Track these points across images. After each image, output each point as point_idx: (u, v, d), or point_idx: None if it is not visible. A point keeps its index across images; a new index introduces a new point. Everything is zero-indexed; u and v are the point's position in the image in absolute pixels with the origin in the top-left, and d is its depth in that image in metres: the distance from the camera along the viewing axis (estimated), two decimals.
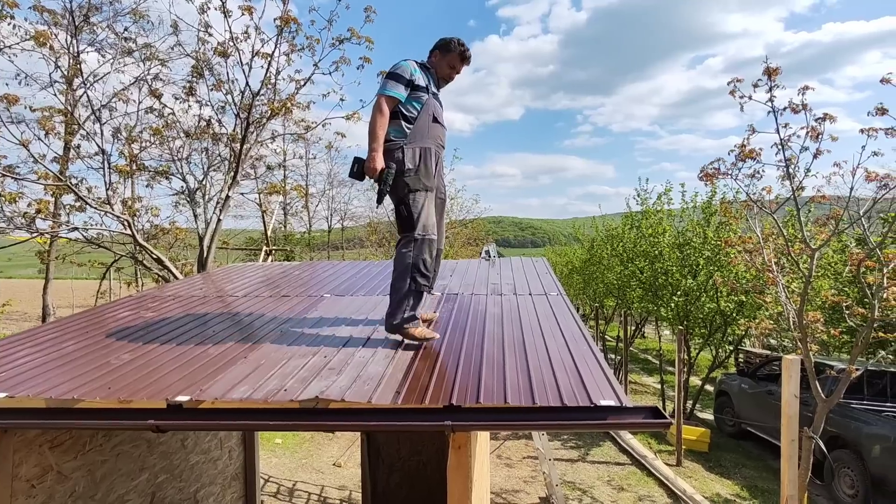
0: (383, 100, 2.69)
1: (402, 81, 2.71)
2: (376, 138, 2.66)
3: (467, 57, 2.92)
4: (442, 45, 2.90)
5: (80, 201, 6.77)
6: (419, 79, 2.76)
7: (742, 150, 4.68)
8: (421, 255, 2.71)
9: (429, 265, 2.75)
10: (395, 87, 2.70)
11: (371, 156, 2.64)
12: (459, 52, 2.89)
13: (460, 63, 2.92)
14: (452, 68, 2.92)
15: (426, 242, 2.73)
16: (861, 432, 5.97)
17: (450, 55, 2.90)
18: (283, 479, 6.27)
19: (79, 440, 3.06)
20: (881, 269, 4.58)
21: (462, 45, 2.90)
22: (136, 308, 3.84)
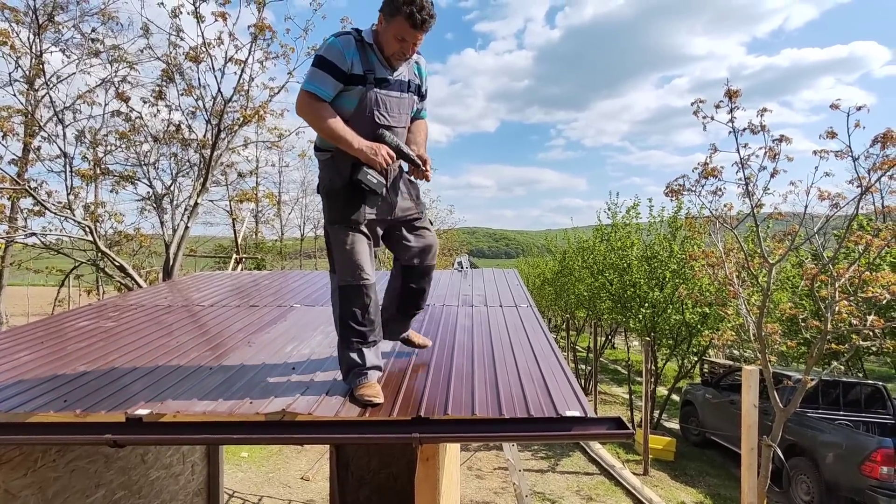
0: (306, 97, 1.97)
1: (331, 71, 1.96)
2: (343, 134, 1.97)
3: (418, 20, 1.90)
4: (386, 4, 1.95)
5: (38, 205, 6.51)
6: (355, 65, 1.98)
7: (705, 168, 4.87)
8: (349, 307, 2.16)
9: (362, 316, 2.17)
10: (322, 80, 1.96)
11: (362, 154, 1.99)
12: (407, 14, 1.88)
13: (411, 29, 1.92)
14: (402, 40, 1.95)
15: (351, 290, 2.15)
16: (816, 440, 6.21)
17: (394, 21, 1.92)
18: (248, 494, 6.10)
19: (29, 456, 2.92)
20: (833, 284, 4.81)
21: (412, 2, 1.88)
22: (95, 317, 3.71)
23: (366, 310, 2.20)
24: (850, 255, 7.10)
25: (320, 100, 1.98)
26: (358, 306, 2.18)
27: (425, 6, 1.91)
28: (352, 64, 1.98)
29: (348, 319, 2.20)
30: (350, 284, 2.16)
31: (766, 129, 4.88)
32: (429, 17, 1.93)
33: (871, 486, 5.49)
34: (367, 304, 2.20)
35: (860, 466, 5.59)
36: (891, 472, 5.45)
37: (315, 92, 1.97)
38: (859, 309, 5.16)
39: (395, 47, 1.99)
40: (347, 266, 2.17)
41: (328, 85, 1.97)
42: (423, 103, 2.36)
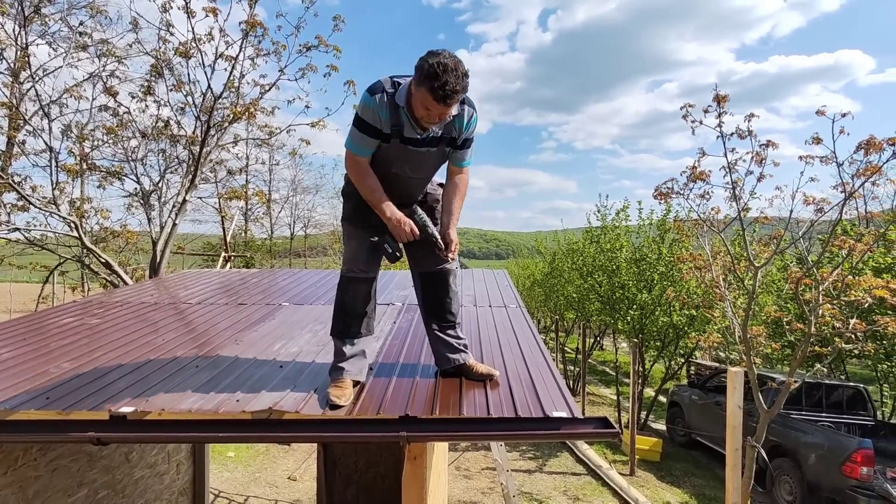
0: (350, 156, 2.12)
1: (368, 132, 2.05)
2: (377, 200, 2.10)
3: (440, 96, 1.87)
4: (415, 70, 1.93)
5: (22, 200, 6.39)
6: (385, 124, 2.04)
7: (693, 171, 4.92)
8: (339, 296, 2.33)
9: (346, 308, 2.29)
10: (361, 141, 2.07)
11: (389, 223, 2.11)
12: (429, 88, 1.86)
13: (435, 103, 1.89)
14: (427, 109, 1.94)
15: (343, 280, 2.33)
16: (799, 441, 6.30)
17: (419, 90, 1.91)
18: (234, 494, 6.05)
19: (10, 455, 2.87)
20: (817, 288, 4.89)
21: (435, 77, 1.84)
22: (80, 314, 3.66)
23: (352, 301, 2.30)
24: (833, 259, 7.23)
25: (362, 157, 2.12)
26: (345, 297, 2.32)
27: (449, 82, 1.86)
28: (382, 124, 2.05)
29: (336, 307, 2.34)
30: (343, 275, 2.33)
31: (753, 134, 4.94)
32: (453, 92, 1.88)
33: (851, 487, 5.59)
34: (354, 297, 2.30)
35: (841, 467, 5.68)
36: (870, 473, 5.54)
37: (357, 154, 2.11)
38: (842, 312, 5.25)
39: (421, 112, 2.00)
40: (345, 257, 2.34)
41: (367, 144, 2.09)
42: (465, 153, 2.24)
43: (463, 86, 1.91)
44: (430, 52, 1.93)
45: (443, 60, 1.86)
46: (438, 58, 1.87)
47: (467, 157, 2.27)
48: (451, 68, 1.86)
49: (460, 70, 1.89)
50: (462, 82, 1.90)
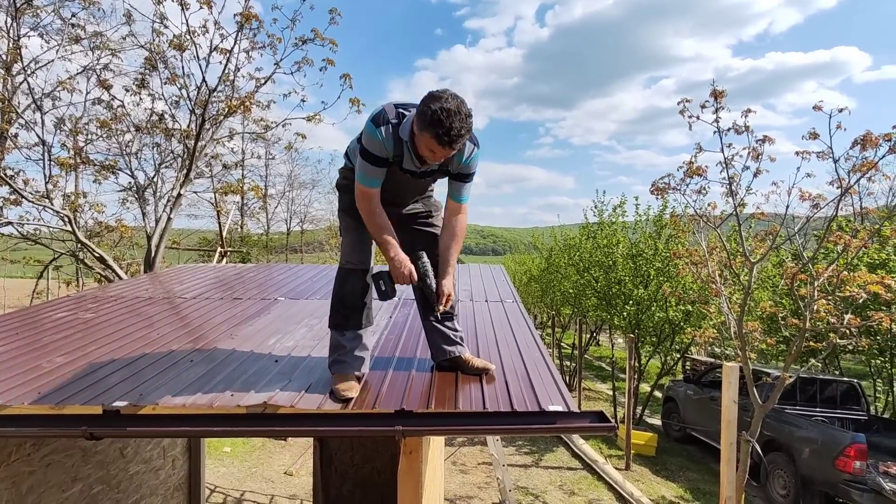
0: (361, 189, 2.09)
1: (376, 162, 2.05)
2: (383, 240, 2.08)
3: (445, 141, 1.86)
4: (417, 115, 1.90)
5: (15, 194, 6.33)
6: (389, 156, 2.06)
7: (690, 167, 4.92)
8: (336, 288, 2.29)
9: (342, 300, 2.26)
10: (371, 173, 2.06)
11: (391, 263, 2.09)
12: (435, 136, 1.85)
13: (439, 147, 1.89)
14: (432, 151, 1.93)
15: (340, 272, 2.29)
16: (793, 436, 6.34)
17: (424, 134, 1.89)
18: (230, 489, 6.05)
19: (3, 450, 2.85)
20: (812, 283, 4.91)
21: (439, 123, 1.82)
22: (74, 308, 3.63)
23: (351, 294, 2.26)
24: (829, 255, 7.26)
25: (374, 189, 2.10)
26: (344, 290, 2.28)
27: (453, 128, 1.84)
28: (388, 154, 2.06)
29: (334, 300, 2.30)
30: (341, 267, 2.30)
31: (749, 130, 4.95)
32: (458, 137, 1.87)
33: (844, 481, 5.63)
34: (353, 289, 2.26)
35: (835, 461, 5.73)
36: (863, 467, 5.59)
37: (369, 186, 2.09)
38: (837, 308, 5.28)
39: (426, 153, 1.98)
40: (343, 250, 2.32)
41: (377, 174, 2.08)
42: (464, 187, 2.20)
43: (467, 128, 1.90)
44: (431, 95, 1.89)
45: (445, 105, 1.84)
46: (441, 102, 1.84)
47: (466, 193, 2.23)
48: (455, 112, 1.84)
49: (463, 112, 1.87)
50: (466, 124, 1.89)
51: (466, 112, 1.89)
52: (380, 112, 2.04)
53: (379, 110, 2.06)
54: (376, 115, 2.04)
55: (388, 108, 2.06)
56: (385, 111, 2.04)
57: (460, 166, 2.16)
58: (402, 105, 2.08)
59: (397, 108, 2.06)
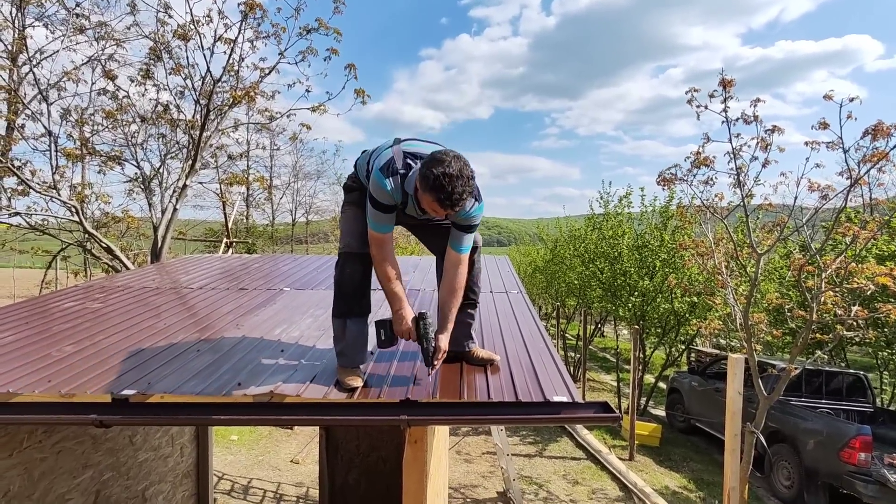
0: (374, 236, 2.12)
1: (387, 210, 2.08)
2: (391, 291, 2.12)
3: (448, 204, 1.89)
4: (420, 177, 1.92)
5: (22, 185, 6.37)
6: (397, 204, 2.11)
7: (697, 157, 4.87)
8: (340, 274, 2.26)
9: (346, 285, 2.23)
10: (381, 220, 2.10)
11: (394, 314, 2.13)
12: (437, 199, 1.88)
13: (439, 208, 1.92)
14: (434, 210, 1.97)
15: (342, 258, 2.26)
16: (798, 427, 6.34)
17: (426, 196, 1.92)
18: (237, 477, 6.13)
19: (15, 437, 2.90)
20: (820, 275, 4.87)
21: (441, 188, 1.85)
22: (82, 298, 3.66)
23: (350, 279, 2.24)
24: (836, 246, 7.19)
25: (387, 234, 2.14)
26: (342, 274, 2.26)
27: (455, 192, 1.87)
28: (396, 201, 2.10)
29: (336, 288, 2.28)
30: (341, 251, 2.28)
31: (758, 120, 4.89)
32: (459, 200, 1.90)
33: (848, 472, 5.63)
34: (352, 273, 2.24)
35: (839, 453, 5.72)
36: (868, 459, 5.58)
37: (382, 232, 2.12)
38: (844, 299, 5.24)
39: (428, 209, 2.02)
40: (342, 235, 2.29)
41: (388, 220, 2.13)
42: (465, 237, 2.19)
43: (469, 191, 1.93)
44: (434, 158, 1.90)
45: (448, 171, 1.85)
46: (443, 167, 1.85)
47: (466, 243, 2.21)
48: (457, 176, 1.86)
49: (465, 175, 1.89)
50: (468, 187, 1.91)
51: (468, 175, 1.91)
52: (389, 161, 2.05)
53: (388, 159, 2.06)
54: (386, 165, 2.05)
55: (397, 154, 2.07)
56: (394, 160, 2.05)
57: (461, 219, 2.16)
58: (410, 153, 2.08)
59: (406, 156, 2.07)
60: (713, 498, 6.23)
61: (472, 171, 1.93)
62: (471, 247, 2.24)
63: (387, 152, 2.10)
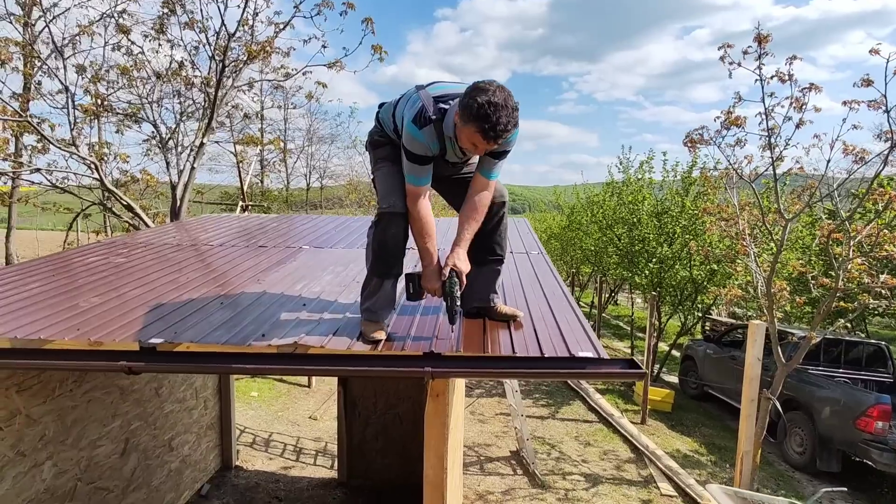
0: (414, 189, 2.05)
1: (424, 161, 2.02)
2: (425, 249, 2.08)
3: (491, 136, 1.80)
4: (462, 108, 1.82)
5: (42, 142, 6.39)
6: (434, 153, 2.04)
7: (728, 116, 4.68)
8: (383, 234, 2.14)
9: (390, 245, 2.14)
10: (419, 172, 2.03)
11: (425, 269, 2.10)
12: (481, 130, 1.79)
13: (483, 141, 1.83)
14: (474, 145, 1.88)
15: (386, 218, 2.12)
16: (814, 395, 6.31)
17: (468, 128, 1.82)
18: (258, 431, 6.33)
19: (47, 385, 2.99)
20: (848, 242, 4.73)
21: (486, 118, 1.76)
22: (105, 254, 3.71)
23: (394, 239, 2.14)
24: (865, 215, 6.97)
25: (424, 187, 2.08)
26: (387, 235, 2.14)
27: (500, 123, 1.77)
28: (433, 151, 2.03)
29: (376, 247, 2.17)
30: (384, 211, 2.14)
31: (793, 79, 4.66)
32: (504, 131, 1.81)
33: (864, 440, 5.62)
34: (396, 234, 2.13)
35: (856, 421, 5.70)
36: (885, 427, 5.56)
37: (420, 185, 2.06)
38: (872, 267, 5.10)
39: (467, 146, 1.93)
40: (382, 193, 2.18)
41: (425, 172, 2.06)
42: (495, 164, 2.11)
43: (514, 122, 1.84)
44: (477, 87, 1.81)
45: (493, 99, 1.76)
46: (487, 95, 1.77)
47: (496, 169, 2.14)
48: (502, 105, 1.77)
49: (510, 105, 1.80)
50: (513, 118, 1.82)
51: (513, 105, 1.81)
52: (420, 110, 1.96)
53: (419, 108, 1.96)
54: (417, 115, 1.95)
55: (427, 101, 1.98)
56: (425, 108, 1.96)
57: (503, 146, 2.06)
58: (439, 97, 1.99)
59: (436, 101, 1.98)
60: (724, 462, 6.30)
61: (517, 102, 1.84)
62: (498, 175, 2.17)
63: (414, 100, 2.01)
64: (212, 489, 4.78)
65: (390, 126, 2.20)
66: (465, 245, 2.11)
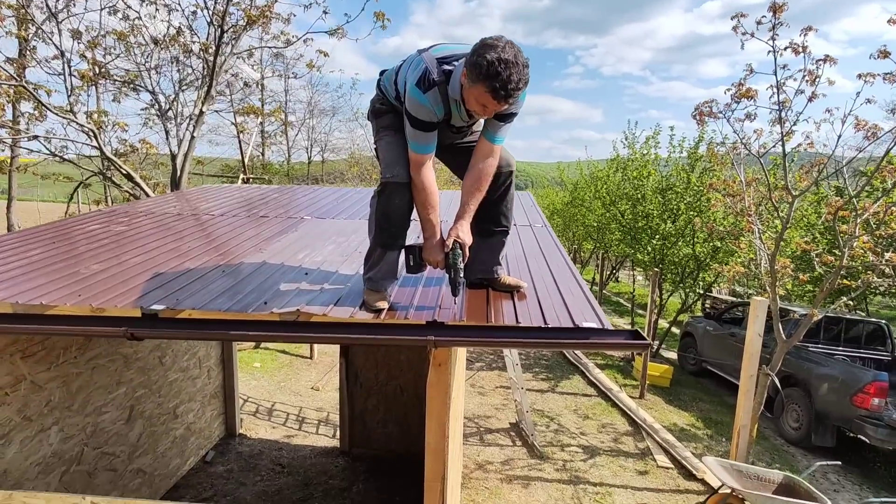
0: (418, 158, 1.99)
1: (428, 128, 1.95)
2: (427, 221, 2.03)
3: (501, 95, 1.72)
4: (470, 66, 1.74)
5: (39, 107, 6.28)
6: (440, 119, 1.97)
7: (739, 88, 4.57)
8: (386, 204, 2.09)
9: (394, 216, 2.08)
10: (423, 139, 1.96)
11: (427, 242, 2.05)
12: (491, 90, 1.71)
13: (493, 101, 1.75)
14: (483, 106, 1.81)
15: (390, 188, 2.05)
16: (813, 372, 6.36)
17: (477, 87, 1.75)
18: (261, 400, 6.42)
19: (51, 352, 3.01)
20: (856, 219, 4.68)
21: (496, 76, 1.68)
22: (105, 222, 3.68)
23: (398, 209, 2.08)
24: (873, 193, 6.88)
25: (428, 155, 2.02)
26: (389, 204, 2.08)
27: (511, 80, 1.70)
28: (438, 117, 1.96)
29: (380, 218, 2.12)
30: (388, 181, 2.07)
31: (807, 51, 4.53)
32: (515, 90, 1.73)
33: (860, 416, 5.68)
34: (400, 204, 2.07)
35: (853, 397, 5.75)
36: (881, 404, 5.61)
37: (423, 153, 2.00)
38: (878, 245, 5.06)
39: (475, 108, 1.86)
40: (386, 162, 2.11)
41: (429, 139, 1.99)
42: (502, 127, 2.04)
43: (526, 79, 1.76)
44: (485, 44, 1.72)
45: (503, 56, 1.68)
46: (497, 52, 1.69)
47: (502, 133, 2.05)
48: (512, 62, 1.69)
49: (521, 61, 1.72)
50: (524, 75, 1.74)
51: (524, 61, 1.74)
52: (424, 73, 1.87)
53: (422, 70, 1.88)
54: (421, 78, 1.87)
55: (431, 63, 1.89)
56: (428, 71, 1.88)
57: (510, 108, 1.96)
58: (444, 58, 1.91)
59: (440, 63, 1.90)
60: (720, 436, 6.39)
61: (527, 59, 1.76)
62: (504, 139, 2.10)
63: (417, 63, 1.94)
64: (216, 456, 4.87)
65: (392, 93, 2.13)
66: (468, 217, 2.06)
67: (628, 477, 5.04)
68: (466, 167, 2.12)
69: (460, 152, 2.25)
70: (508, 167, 2.23)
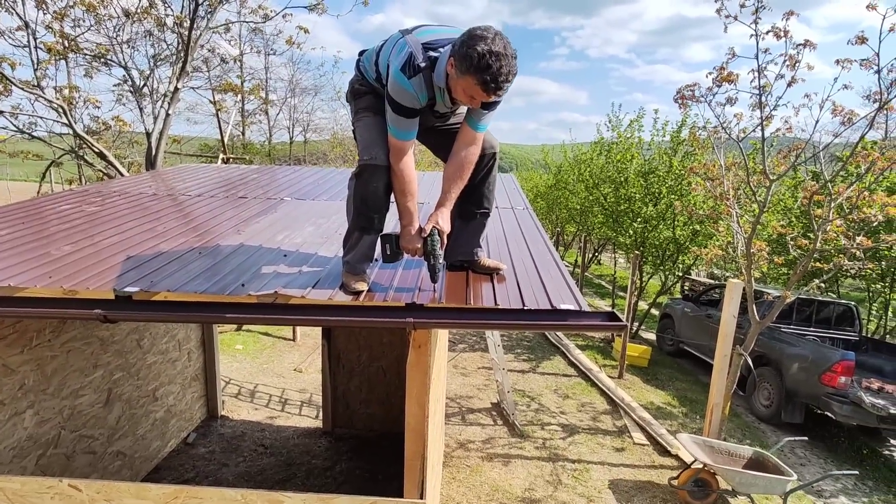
0: (398, 144, 1.96)
1: (410, 114, 1.91)
2: (405, 208, 2.00)
3: (491, 88, 1.71)
4: (459, 57, 1.72)
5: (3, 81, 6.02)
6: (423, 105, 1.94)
7: (720, 72, 4.59)
8: (364, 188, 2.05)
9: (370, 199, 2.04)
10: (404, 125, 1.92)
11: (402, 230, 2.04)
12: (482, 82, 1.70)
13: (482, 93, 1.74)
14: (471, 97, 1.80)
15: (367, 171, 2.01)
16: (784, 352, 6.57)
17: (466, 79, 1.73)
18: (244, 382, 6.40)
19: (24, 335, 2.94)
20: (830, 204, 4.79)
21: (487, 68, 1.66)
22: (78, 202, 3.58)
23: (374, 193, 2.05)
24: (847, 178, 7.04)
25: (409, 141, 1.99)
26: (367, 188, 2.05)
27: (502, 72, 1.68)
28: (421, 104, 1.93)
29: (357, 201, 2.10)
30: (366, 164, 2.03)
31: (788, 35, 4.57)
32: (505, 83, 1.71)
33: (826, 394, 5.91)
34: (377, 187, 2.04)
35: (821, 376, 5.97)
36: (847, 382, 5.84)
37: (404, 139, 1.97)
38: (850, 229, 5.20)
39: (462, 98, 1.84)
40: (363, 145, 2.07)
41: (411, 126, 1.96)
42: (485, 115, 2.01)
43: (515, 71, 1.73)
44: (473, 34, 1.69)
45: (493, 48, 1.66)
46: (487, 44, 1.66)
47: (485, 120, 2.03)
48: (502, 54, 1.67)
49: (510, 53, 1.70)
50: (513, 67, 1.72)
51: (513, 53, 1.72)
52: (409, 58, 1.83)
53: (406, 56, 1.84)
54: (405, 64, 1.83)
55: (416, 48, 1.85)
56: (413, 55, 1.84)
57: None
58: (429, 44, 1.87)
59: (425, 49, 1.86)
60: (695, 413, 6.59)
61: (515, 49, 1.74)
62: (487, 127, 2.08)
63: (401, 46, 1.89)
64: (198, 437, 4.86)
65: (372, 74, 2.08)
66: (449, 205, 2.06)
67: (605, 454, 5.18)
68: (448, 150, 2.10)
69: (443, 134, 2.23)
70: (492, 149, 2.22)
